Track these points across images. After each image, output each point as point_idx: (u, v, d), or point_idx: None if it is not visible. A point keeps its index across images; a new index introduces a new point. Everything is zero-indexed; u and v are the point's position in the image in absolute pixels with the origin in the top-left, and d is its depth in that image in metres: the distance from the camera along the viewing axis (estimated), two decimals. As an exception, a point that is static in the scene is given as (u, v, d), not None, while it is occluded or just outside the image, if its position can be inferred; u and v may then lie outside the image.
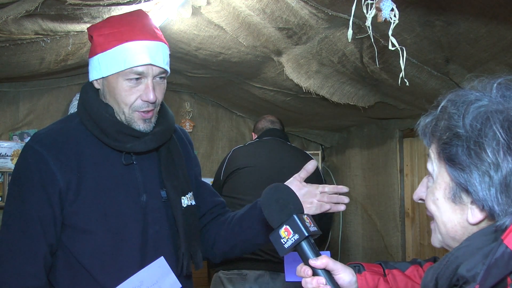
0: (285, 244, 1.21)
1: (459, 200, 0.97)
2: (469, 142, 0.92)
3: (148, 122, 1.60)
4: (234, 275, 2.95)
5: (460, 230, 0.99)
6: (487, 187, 0.91)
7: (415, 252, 3.67)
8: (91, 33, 1.60)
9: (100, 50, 1.56)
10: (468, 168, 0.92)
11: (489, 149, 0.90)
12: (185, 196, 1.69)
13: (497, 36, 2.05)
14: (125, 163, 1.61)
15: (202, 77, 3.57)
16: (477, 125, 0.92)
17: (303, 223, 1.21)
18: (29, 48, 2.65)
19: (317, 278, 1.21)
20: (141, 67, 1.54)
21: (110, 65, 1.55)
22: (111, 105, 1.60)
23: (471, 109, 0.94)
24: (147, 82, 1.56)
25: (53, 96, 3.76)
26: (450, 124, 0.96)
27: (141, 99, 1.56)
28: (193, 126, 4.25)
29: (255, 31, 2.52)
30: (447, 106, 0.99)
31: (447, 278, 0.95)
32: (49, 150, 1.54)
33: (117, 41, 1.54)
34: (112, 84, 1.57)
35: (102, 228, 1.55)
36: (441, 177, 1.00)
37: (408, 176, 3.73)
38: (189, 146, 1.85)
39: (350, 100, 3.08)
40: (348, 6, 1.69)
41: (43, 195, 1.52)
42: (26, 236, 1.52)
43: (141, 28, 1.58)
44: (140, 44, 1.54)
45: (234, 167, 3.11)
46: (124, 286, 1.54)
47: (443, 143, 0.97)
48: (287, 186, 1.31)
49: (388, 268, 1.35)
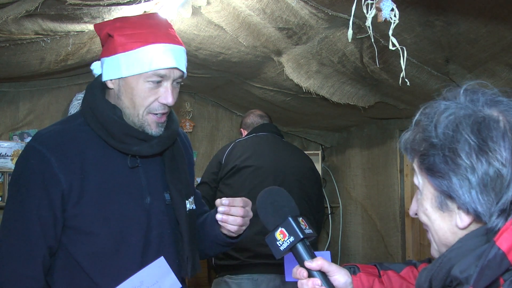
0: (280, 247, 1.22)
1: (446, 207, 1.00)
2: (444, 150, 0.96)
3: (160, 126, 1.60)
4: (244, 280, 2.92)
5: (450, 237, 1.01)
6: (467, 190, 0.94)
7: (415, 252, 3.67)
8: (111, 32, 1.56)
9: (122, 50, 1.53)
10: (447, 175, 0.96)
11: (462, 153, 0.94)
12: (188, 200, 1.69)
13: (497, 36, 2.05)
14: (131, 166, 1.59)
15: (202, 77, 3.57)
16: (449, 133, 0.96)
17: (298, 225, 1.22)
18: (29, 48, 2.66)
19: (313, 279, 1.22)
20: (164, 70, 1.53)
21: (132, 66, 1.52)
22: (123, 106, 1.57)
23: (442, 118, 0.98)
24: (167, 86, 1.55)
25: (53, 96, 3.76)
26: (424, 136, 1.00)
27: (159, 102, 1.55)
28: (193, 126, 4.25)
29: (255, 31, 2.52)
30: (421, 119, 1.03)
31: (441, 279, 0.97)
32: (52, 150, 1.52)
33: (141, 43, 1.52)
34: (131, 85, 1.54)
35: (105, 230, 1.54)
36: (426, 188, 1.03)
37: (408, 176, 3.73)
38: (190, 151, 1.86)
39: (350, 100, 3.08)
40: (348, 6, 1.69)
41: (45, 197, 1.50)
42: (26, 238, 1.51)
43: (165, 31, 1.57)
44: (165, 47, 1.53)
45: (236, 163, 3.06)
46: (124, 286, 1.54)
47: (421, 155, 1.01)
48: (281, 189, 1.31)
49: (383, 269, 1.36)
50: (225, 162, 3.10)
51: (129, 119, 1.58)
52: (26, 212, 1.52)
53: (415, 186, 1.08)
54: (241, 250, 2.93)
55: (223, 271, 3.03)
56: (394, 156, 3.77)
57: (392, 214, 3.77)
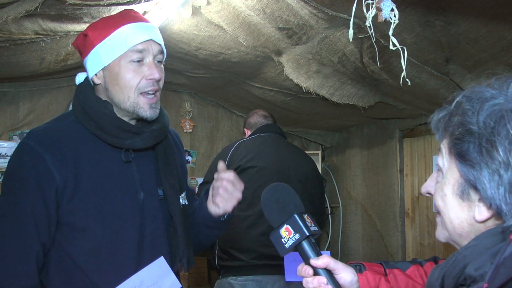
0: (285, 244, 1.20)
1: (467, 197, 0.96)
2: (481, 140, 0.92)
3: (154, 107, 1.61)
4: (248, 282, 2.91)
5: (467, 227, 0.98)
6: (496, 185, 0.90)
7: (415, 252, 3.67)
8: (85, 32, 1.62)
9: (98, 41, 1.57)
10: (478, 165, 0.92)
11: (501, 147, 0.90)
12: (181, 196, 1.70)
13: (497, 36, 2.05)
14: (125, 160, 1.61)
15: (202, 77, 3.57)
16: (490, 123, 0.91)
17: (304, 222, 1.20)
18: (29, 48, 2.66)
19: (318, 277, 1.21)
20: (141, 44, 1.56)
21: (110, 51, 1.56)
22: (113, 96, 1.59)
23: (486, 107, 0.93)
24: (149, 61, 1.58)
25: (53, 96, 3.76)
26: (463, 120, 0.95)
27: (146, 79, 1.57)
28: (193, 126, 4.25)
29: (255, 31, 2.52)
30: (462, 101, 0.98)
31: (454, 277, 0.94)
32: (45, 147, 1.53)
33: (114, 27, 1.57)
34: (114, 70, 1.57)
35: (100, 226, 1.54)
36: (451, 173, 0.99)
37: (408, 176, 3.73)
38: (181, 149, 1.87)
39: (350, 100, 3.07)
40: (348, 6, 1.69)
41: (38, 194, 1.51)
42: (20, 234, 1.51)
43: (133, 14, 1.63)
44: (136, 25, 1.58)
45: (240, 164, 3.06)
46: (124, 286, 1.54)
47: (455, 139, 0.96)
48: (287, 185, 1.30)
49: (389, 267, 1.35)
50: (229, 162, 3.10)
51: (121, 107, 1.59)
52: (20, 209, 1.52)
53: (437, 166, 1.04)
54: (245, 251, 2.93)
55: (226, 272, 3.01)
56: (394, 156, 3.77)
57: (392, 214, 3.77)
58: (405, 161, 3.74)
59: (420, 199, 3.61)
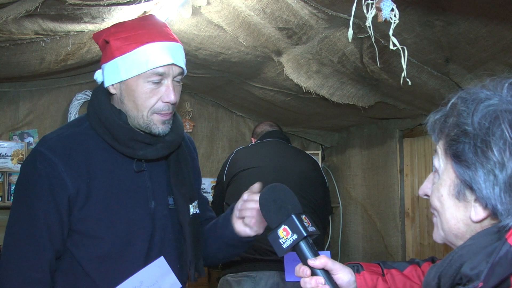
0: (283, 244, 1.21)
1: (463, 197, 0.97)
2: (476, 140, 0.92)
3: (167, 123, 1.59)
4: (244, 278, 2.94)
5: (463, 227, 0.99)
6: (491, 185, 0.91)
7: (415, 252, 3.67)
8: (107, 38, 1.57)
9: (119, 54, 1.53)
10: (474, 165, 0.92)
11: (495, 148, 0.90)
12: (191, 204, 1.69)
13: (497, 36, 2.05)
14: (137, 170, 1.60)
15: (202, 77, 3.57)
16: (485, 124, 0.92)
17: (301, 223, 1.21)
18: (29, 48, 2.65)
19: (316, 278, 1.21)
20: (162, 67, 1.52)
21: (130, 67, 1.52)
22: (127, 110, 1.57)
23: (481, 107, 0.94)
24: (167, 83, 1.55)
25: (53, 96, 3.76)
26: (458, 121, 0.96)
27: (162, 101, 1.55)
28: (193, 126, 4.25)
29: (255, 31, 2.52)
30: (457, 103, 0.99)
31: (450, 276, 0.95)
32: (58, 155, 1.52)
33: (137, 44, 1.52)
34: (131, 87, 1.54)
35: (110, 234, 1.54)
36: (447, 173, 1.00)
37: (408, 176, 3.73)
38: (195, 155, 1.85)
39: (350, 100, 3.08)
40: (348, 6, 1.69)
41: (51, 201, 1.51)
42: (34, 241, 1.52)
43: (159, 30, 1.57)
44: (160, 45, 1.53)
45: (238, 169, 3.13)
46: (124, 286, 1.54)
47: (450, 140, 0.97)
48: (284, 186, 1.30)
49: (386, 267, 1.36)
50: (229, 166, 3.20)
51: (134, 121, 1.57)
52: (33, 216, 1.52)
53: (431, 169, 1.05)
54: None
55: (225, 268, 3.07)
56: (394, 156, 3.77)
57: (392, 214, 3.77)
58: (405, 161, 3.74)
59: (420, 199, 3.61)
